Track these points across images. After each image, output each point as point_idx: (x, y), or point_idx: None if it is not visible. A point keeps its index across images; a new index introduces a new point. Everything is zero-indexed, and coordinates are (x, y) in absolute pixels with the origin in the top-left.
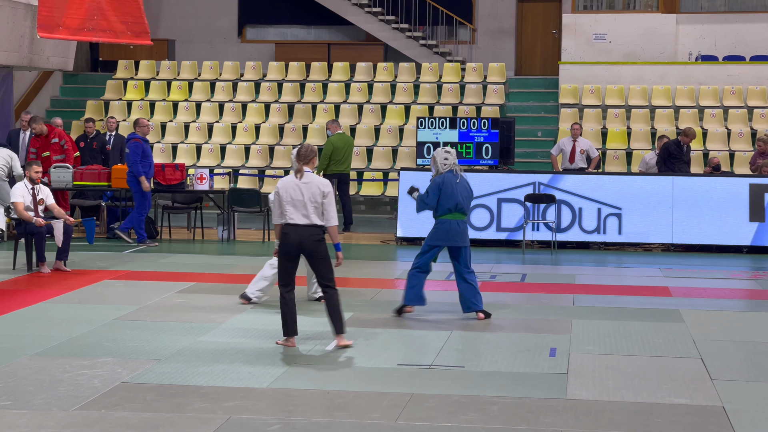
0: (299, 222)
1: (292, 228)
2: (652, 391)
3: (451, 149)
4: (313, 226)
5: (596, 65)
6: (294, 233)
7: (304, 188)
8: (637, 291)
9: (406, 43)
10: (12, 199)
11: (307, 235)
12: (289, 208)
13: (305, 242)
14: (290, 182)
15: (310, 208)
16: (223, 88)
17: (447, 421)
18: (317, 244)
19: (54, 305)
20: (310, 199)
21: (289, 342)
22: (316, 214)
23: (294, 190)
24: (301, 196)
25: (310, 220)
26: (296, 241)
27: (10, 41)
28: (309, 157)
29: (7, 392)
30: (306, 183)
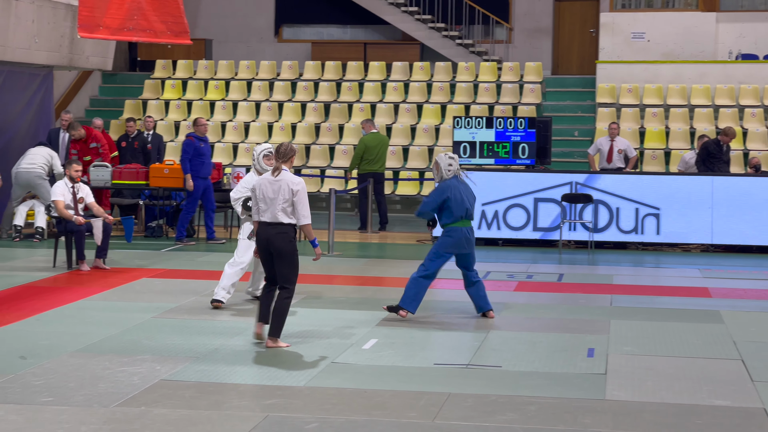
0: (267, 220)
1: (261, 226)
2: (692, 393)
3: (454, 155)
4: (280, 224)
5: (634, 64)
6: (263, 231)
7: (275, 186)
8: (676, 292)
9: (443, 42)
10: (52, 197)
11: (273, 233)
12: (261, 206)
13: (271, 240)
14: (264, 179)
15: (278, 206)
16: (259, 88)
17: (484, 421)
18: (282, 243)
19: (93, 303)
20: (280, 198)
21: (258, 327)
22: (284, 212)
23: (266, 187)
24: (272, 194)
25: (277, 218)
26: (264, 238)
27: (51, 41)
28: (288, 155)
29: (49, 388)
30: (277, 181)
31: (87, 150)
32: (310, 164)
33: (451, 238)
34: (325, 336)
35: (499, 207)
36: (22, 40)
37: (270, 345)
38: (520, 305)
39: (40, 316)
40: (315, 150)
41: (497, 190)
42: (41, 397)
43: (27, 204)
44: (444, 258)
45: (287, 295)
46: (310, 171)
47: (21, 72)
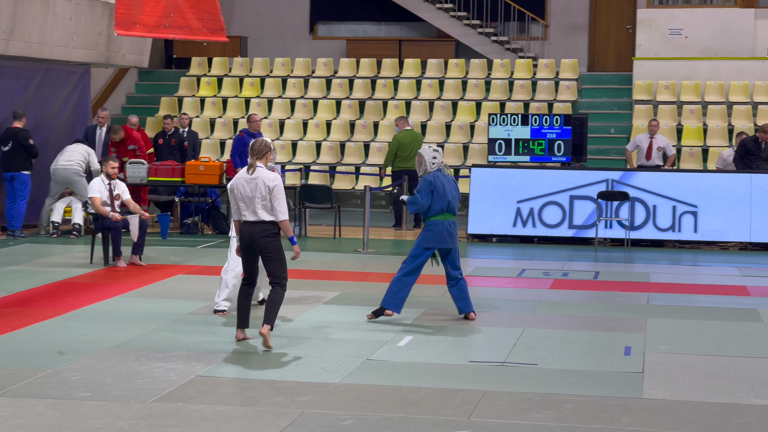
0: (249, 219)
1: (245, 225)
2: (731, 392)
3: (438, 148)
4: (262, 222)
5: (671, 61)
6: (246, 230)
7: (252, 184)
8: (713, 290)
9: (478, 39)
10: (89, 194)
11: (256, 231)
12: (241, 204)
13: (255, 239)
14: (241, 179)
15: (257, 204)
16: (294, 85)
17: (520, 419)
18: (266, 241)
19: (130, 299)
20: (257, 195)
21: (239, 334)
22: (264, 209)
23: (243, 186)
24: (249, 192)
25: (258, 216)
26: (247, 237)
27: (88, 39)
28: (262, 152)
29: (86, 384)
30: (253, 179)
31: (125, 151)
32: (344, 161)
33: (431, 232)
34: (361, 333)
35: (535, 204)
36: (60, 38)
37: (264, 332)
38: (556, 303)
39: (77, 312)
40: (350, 147)
41: (532, 188)
42: (79, 393)
43: (64, 200)
44: (426, 254)
45: (282, 289)
46: (345, 168)
47: (58, 70)
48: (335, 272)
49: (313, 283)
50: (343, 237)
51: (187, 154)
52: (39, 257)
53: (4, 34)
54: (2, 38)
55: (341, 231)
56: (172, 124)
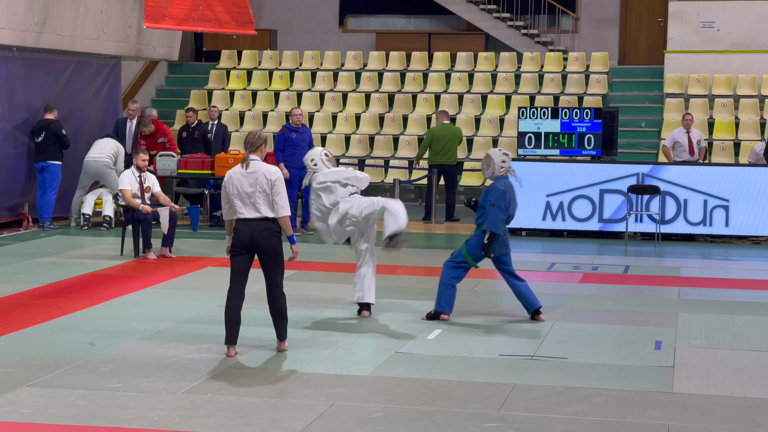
0: (249, 216)
1: (242, 223)
2: (763, 387)
3: (508, 152)
4: (265, 220)
5: (703, 54)
6: (245, 229)
7: (250, 179)
8: (745, 284)
9: (508, 32)
10: (120, 186)
11: (259, 230)
12: (236, 201)
13: (257, 238)
14: (236, 174)
15: (259, 199)
16: (324, 78)
17: (551, 413)
18: (271, 240)
19: (160, 291)
20: (258, 190)
21: (229, 351)
22: (267, 205)
23: (240, 181)
24: (248, 187)
25: (261, 212)
26: (247, 237)
27: (119, 32)
28: (256, 144)
29: (117, 374)
30: (252, 173)
31: (155, 144)
32: (374, 155)
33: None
34: (390, 326)
35: (564, 198)
36: (91, 30)
37: (283, 348)
38: (586, 297)
39: (108, 303)
40: (379, 140)
41: (562, 181)
42: (110, 383)
43: (95, 193)
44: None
45: (283, 295)
46: (374, 161)
47: (89, 62)
48: None
49: (341, 276)
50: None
51: (213, 146)
52: (70, 249)
53: (36, 27)
54: (34, 31)
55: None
56: (194, 117)
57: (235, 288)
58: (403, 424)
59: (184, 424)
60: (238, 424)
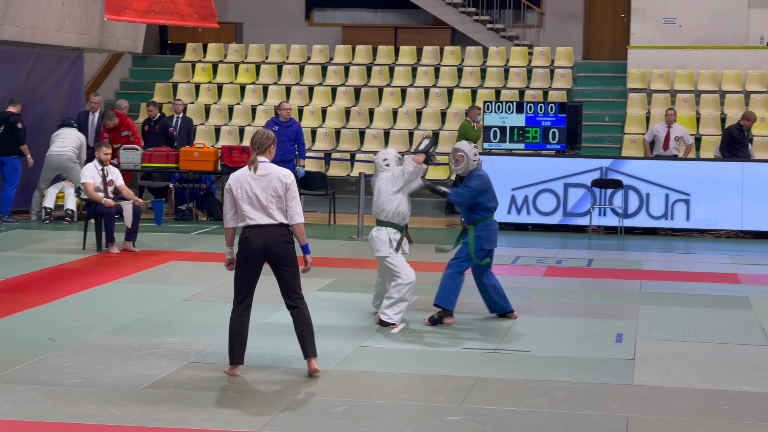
0: (262, 222)
1: (254, 230)
2: (721, 379)
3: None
4: (280, 226)
5: (665, 49)
6: (257, 236)
7: (262, 182)
8: (705, 278)
9: (473, 26)
10: (82, 179)
11: (273, 236)
12: (246, 207)
13: (272, 245)
14: (244, 176)
15: (272, 204)
16: (290, 72)
17: (512, 405)
18: (287, 247)
19: (123, 285)
20: (270, 194)
21: (234, 370)
22: (280, 211)
23: (250, 184)
24: (259, 191)
25: (275, 218)
26: (260, 245)
27: (81, 24)
28: (265, 145)
29: (78, 370)
30: (263, 175)
31: (118, 138)
32: (340, 148)
33: (491, 231)
34: (354, 320)
35: (529, 192)
36: (53, 22)
37: (316, 367)
38: (549, 290)
39: (70, 298)
40: (345, 134)
41: (527, 175)
42: (70, 379)
43: (57, 186)
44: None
45: (305, 306)
46: (340, 155)
47: (51, 54)
48: (329, 259)
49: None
50: (337, 224)
51: (174, 140)
52: (31, 243)
53: None
54: None
55: (336, 218)
56: (156, 111)
57: (245, 302)
58: (365, 417)
59: (145, 419)
60: (201, 419)
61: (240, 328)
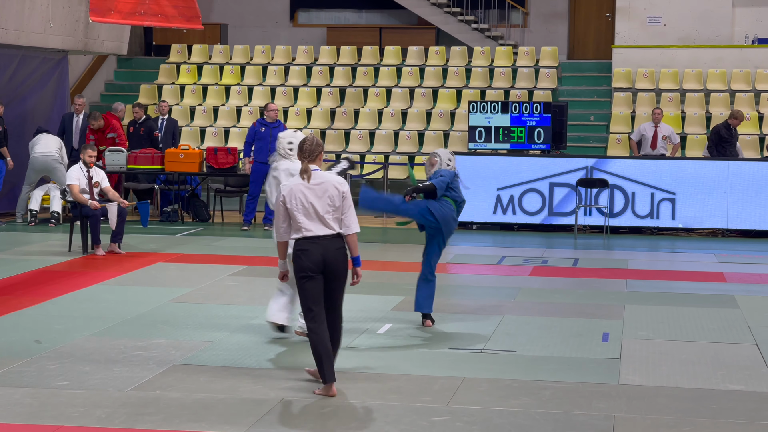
0: (319, 233)
1: (311, 242)
2: (707, 378)
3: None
4: (336, 236)
5: (650, 49)
6: (315, 248)
7: (318, 191)
8: (691, 276)
9: (458, 27)
10: (67, 181)
11: (332, 248)
12: (301, 218)
13: (331, 258)
14: (297, 187)
15: (328, 214)
16: (275, 72)
17: (499, 405)
18: (344, 260)
19: (109, 287)
20: (327, 204)
21: (330, 391)
22: (336, 220)
23: (304, 195)
24: (315, 200)
25: (332, 228)
26: (319, 256)
27: (66, 26)
28: (315, 152)
29: (64, 372)
30: (318, 184)
31: (104, 140)
32: (325, 149)
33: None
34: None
35: (515, 192)
36: (37, 24)
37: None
38: (535, 290)
39: (55, 300)
40: (330, 135)
41: (512, 175)
42: (56, 381)
43: (42, 188)
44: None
45: (342, 320)
46: (326, 156)
47: (35, 56)
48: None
49: None
50: None
51: (158, 142)
52: (16, 245)
53: None
54: None
55: None
56: (141, 113)
57: (320, 317)
58: (352, 418)
59: (131, 421)
60: (187, 421)
61: (324, 345)
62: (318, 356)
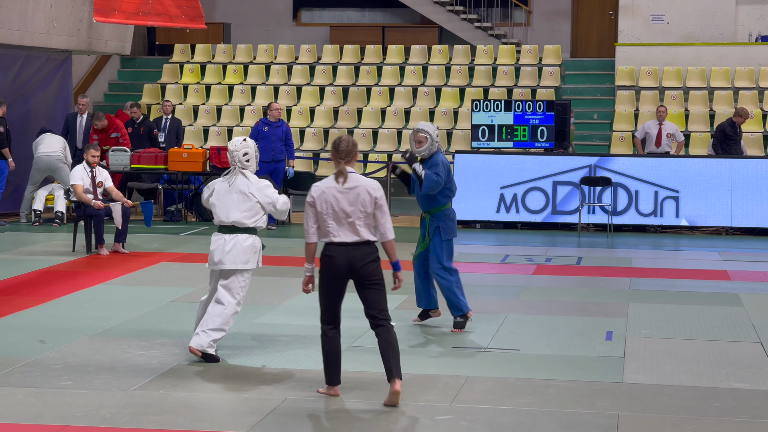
0: (347, 240)
1: (338, 248)
2: (711, 376)
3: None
4: (366, 244)
5: (653, 46)
6: (341, 255)
7: (350, 195)
8: (694, 275)
9: (461, 25)
10: (71, 181)
11: (359, 255)
12: (331, 223)
13: (357, 265)
14: (329, 189)
15: (359, 220)
16: (278, 72)
17: (502, 404)
18: (372, 266)
19: (113, 287)
20: (359, 209)
21: (332, 390)
22: (368, 227)
23: (336, 198)
24: (347, 205)
25: (361, 236)
26: (344, 264)
27: (69, 26)
28: (352, 152)
29: (68, 372)
30: (351, 188)
31: (107, 139)
32: (328, 148)
33: (453, 221)
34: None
35: (518, 190)
36: (41, 25)
37: (399, 389)
38: (539, 288)
39: (60, 300)
40: (333, 134)
41: (516, 174)
42: (60, 381)
43: (46, 188)
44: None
45: (391, 327)
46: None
47: (39, 57)
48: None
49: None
50: None
51: (167, 141)
52: (21, 245)
53: None
54: None
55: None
56: (139, 112)
57: (334, 321)
58: (355, 417)
59: (135, 421)
60: (191, 420)
61: (333, 347)
62: (325, 357)
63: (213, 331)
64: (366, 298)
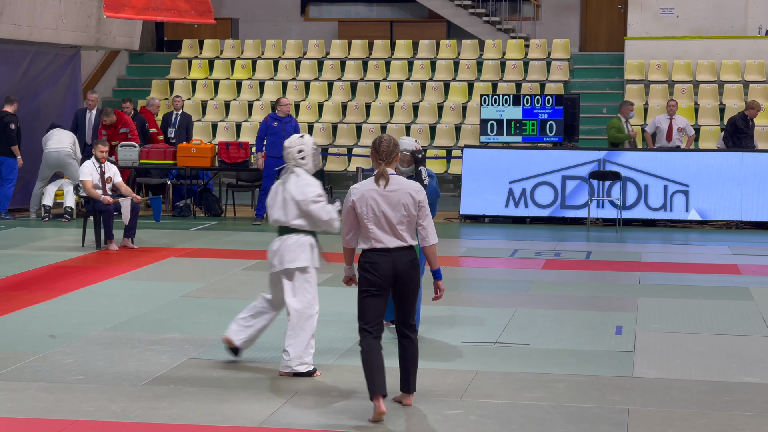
0: (391, 246)
1: (381, 254)
2: (722, 370)
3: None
4: (409, 249)
5: (663, 40)
6: (385, 261)
7: (392, 198)
8: (704, 269)
9: (469, 20)
10: (80, 177)
11: (404, 261)
12: (372, 227)
13: (402, 271)
14: (369, 192)
15: (402, 224)
16: (286, 67)
17: (512, 399)
18: (415, 272)
19: (122, 282)
20: (402, 214)
21: (382, 405)
22: (410, 232)
23: (377, 201)
24: (388, 209)
25: (405, 240)
26: (389, 269)
27: (78, 21)
28: (393, 153)
29: (78, 367)
30: (393, 191)
31: (116, 135)
32: (336, 143)
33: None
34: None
35: (527, 185)
36: (50, 20)
37: (410, 403)
38: (548, 283)
39: (69, 295)
40: (342, 129)
41: (524, 168)
42: (71, 376)
43: (56, 184)
44: None
45: (417, 338)
46: (337, 150)
47: (48, 52)
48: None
49: None
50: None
51: (176, 136)
52: (30, 241)
53: None
54: None
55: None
56: (131, 107)
57: (375, 329)
58: (365, 412)
59: (146, 415)
60: (201, 415)
61: (375, 356)
62: (366, 367)
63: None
64: (399, 304)
